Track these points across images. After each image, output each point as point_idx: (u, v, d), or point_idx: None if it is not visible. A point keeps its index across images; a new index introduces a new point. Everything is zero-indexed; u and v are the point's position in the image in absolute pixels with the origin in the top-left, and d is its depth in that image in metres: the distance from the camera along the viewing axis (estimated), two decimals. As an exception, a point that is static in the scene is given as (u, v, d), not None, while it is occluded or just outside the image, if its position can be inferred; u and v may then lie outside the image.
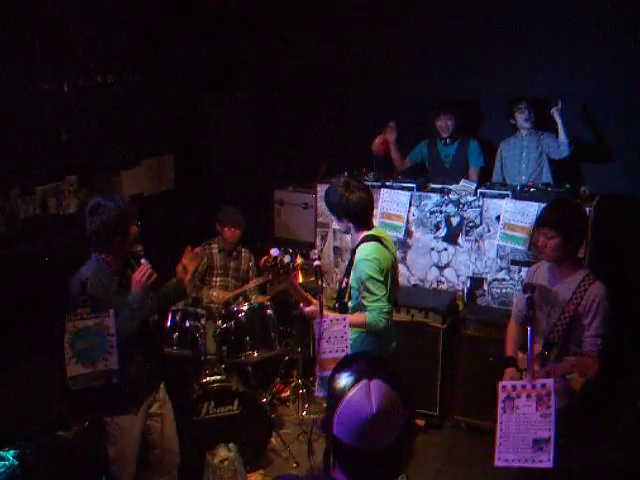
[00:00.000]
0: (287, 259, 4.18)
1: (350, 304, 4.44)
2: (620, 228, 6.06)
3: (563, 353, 4.11)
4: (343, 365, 2.29)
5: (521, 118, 6.33)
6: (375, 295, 4.22)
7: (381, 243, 4.36)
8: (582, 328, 4.04)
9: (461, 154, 6.74)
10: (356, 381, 2.15)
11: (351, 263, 4.44)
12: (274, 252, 4.18)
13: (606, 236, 5.82)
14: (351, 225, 4.39)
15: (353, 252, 4.44)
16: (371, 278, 4.22)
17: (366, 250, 4.28)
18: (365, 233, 4.39)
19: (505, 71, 6.60)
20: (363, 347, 4.35)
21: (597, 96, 6.24)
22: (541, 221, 4.25)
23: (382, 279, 4.24)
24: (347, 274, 4.49)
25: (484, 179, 6.50)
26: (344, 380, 2.18)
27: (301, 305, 4.45)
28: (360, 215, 4.35)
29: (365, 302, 4.26)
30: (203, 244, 6.30)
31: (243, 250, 6.43)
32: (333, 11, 7.26)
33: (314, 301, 4.35)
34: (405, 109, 6.89)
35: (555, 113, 6.08)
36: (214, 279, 6.34)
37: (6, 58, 5.43)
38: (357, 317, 4.28)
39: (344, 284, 4.51)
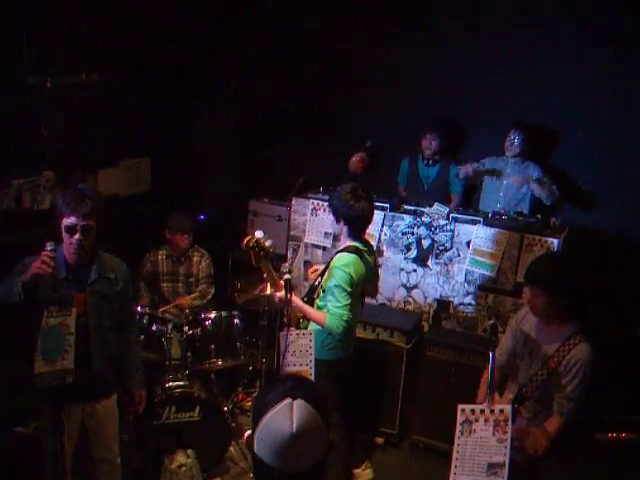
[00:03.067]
0: (269, 243, 4.24)
1: (318, 302, 4.66)
2: (588, 261, 6.11)
3: (537, 409, 4.05)
4: (271, 383, 2.29)
5: (507, 145, 6.41)
6: (339, 302, 4.44)
7: (360, 257, 4.56)
8: (557, 387, 3.90)
9: (442, 177, 6.84)
10: (280, 399, 2.13)
11: (328, 265, 4.66)
12: (258, 234, 4.26)
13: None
14: (345, 230, 4.60)
15: (332, 257, 4.66)
16: (339, 287, 4.44)
17: (343, 260, 4.50)
18: (350, 242, 4.60)
19: (497, 95, 6.69)
20: (323, 344, 4.62)
21: (578, 128, 6.38)
22: (529, 277, 4.01)
23: (350, 290, 4.45)
24: (322, 274, 4.72)
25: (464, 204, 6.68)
26: (268, 398, 2.16)
27: (273, 292, 4.54)
28: (358, 224, 4.60)
29: (329, 305, 4.48)
30: (150, 251, 6.34)
31: (195, 253, 6.41)
32: (318, 27, 7.35)
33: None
34: (387, 127, 6.99)
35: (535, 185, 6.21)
36: (162, 285, 6.34)
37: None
38: (321, 316, 4.51)
39: (317, 282, 4.76)
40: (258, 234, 4.25)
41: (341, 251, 4.61)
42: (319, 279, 4.76)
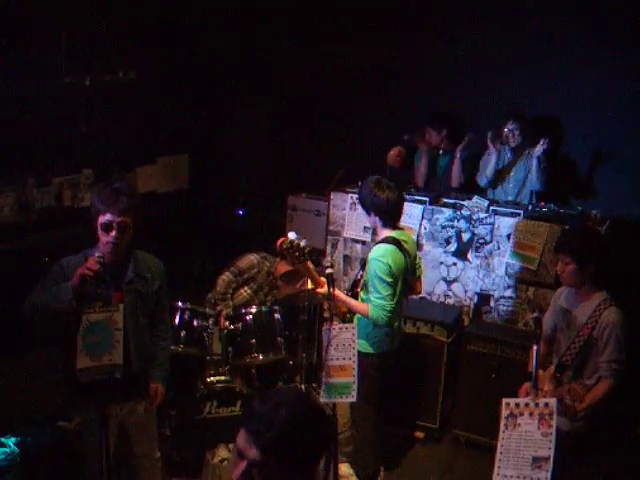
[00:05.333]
0: (303, 243, 4.18)
1: (362, 295, 4.71)
2: (630, 252, 6.05)
3: (578, 376, 4.15)
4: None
5: (507, 137, 6.39)
6: (379, 293, 4.50)
7: (399, 247, 4.57)
8: (596, 353, 4.07)
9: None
10: None
11: (367, 258, 4.69)
12: (291, 235, 4.21)
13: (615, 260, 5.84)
14: (377, 221, 4.63)
15: (371, 250, 4.70)
16: (378, 277, 4.49)
17: (380, 251, 4.54)
18: (387, 233, 4.63)
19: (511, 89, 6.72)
20: (369, 336, 4.68)
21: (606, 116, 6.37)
22: (558, 247, 4.31)
23: (390, 280, 4.50)
24: (363, 267, 4.77)
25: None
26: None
27: (314, 288, 4.57)
28: (386, 213, 4.60)
29: (371, 297, 4.55)
30: (261, 254, 6.01)
31: None
32: (349, 24, 7.34)
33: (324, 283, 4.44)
34: (421, 121, 6.95)
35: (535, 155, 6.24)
36: (244, 288, 6.02)
37: (32, 50, 5.49)
38: (364, 307, 4.57)
39: (359, 276, 4.81)
40: (291, 235, 4.19)
41: (378, 243, 4.64)
42: (361, 272, 4.78)
